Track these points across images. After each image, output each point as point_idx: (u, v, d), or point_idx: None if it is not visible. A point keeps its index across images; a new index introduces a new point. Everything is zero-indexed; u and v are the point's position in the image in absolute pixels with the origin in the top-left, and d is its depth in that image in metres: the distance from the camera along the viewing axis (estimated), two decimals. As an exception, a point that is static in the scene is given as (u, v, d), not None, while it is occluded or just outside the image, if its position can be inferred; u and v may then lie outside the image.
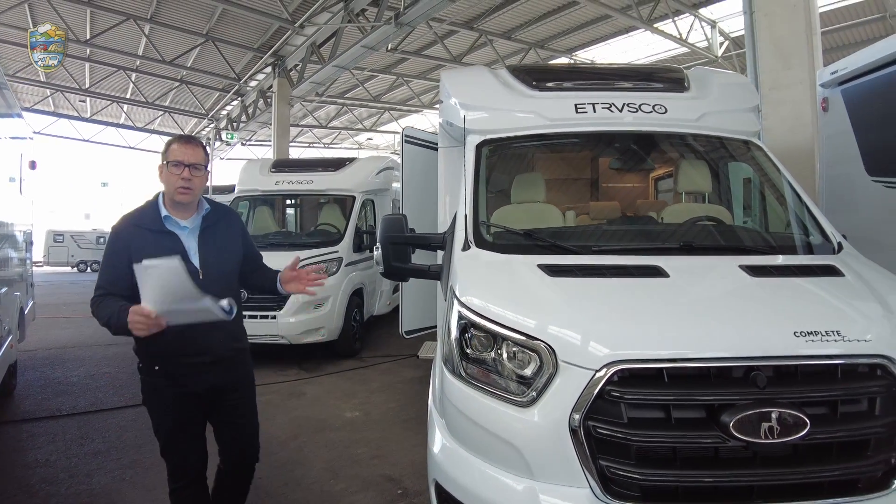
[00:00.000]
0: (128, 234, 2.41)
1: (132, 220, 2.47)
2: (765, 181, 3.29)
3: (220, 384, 2.54)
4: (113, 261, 2.40)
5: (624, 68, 4.84)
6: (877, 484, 1.83)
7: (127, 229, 2.43)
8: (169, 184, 2.42)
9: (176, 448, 2.55)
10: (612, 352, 1.88)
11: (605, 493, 1.82)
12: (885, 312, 2.04)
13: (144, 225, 2.43)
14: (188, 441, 2.55)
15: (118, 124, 24.41)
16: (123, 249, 2.36)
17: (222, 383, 2.55)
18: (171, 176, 2.40)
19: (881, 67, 4.09)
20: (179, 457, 2.56)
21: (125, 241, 2.39)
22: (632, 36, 14.72)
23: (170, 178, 2.41)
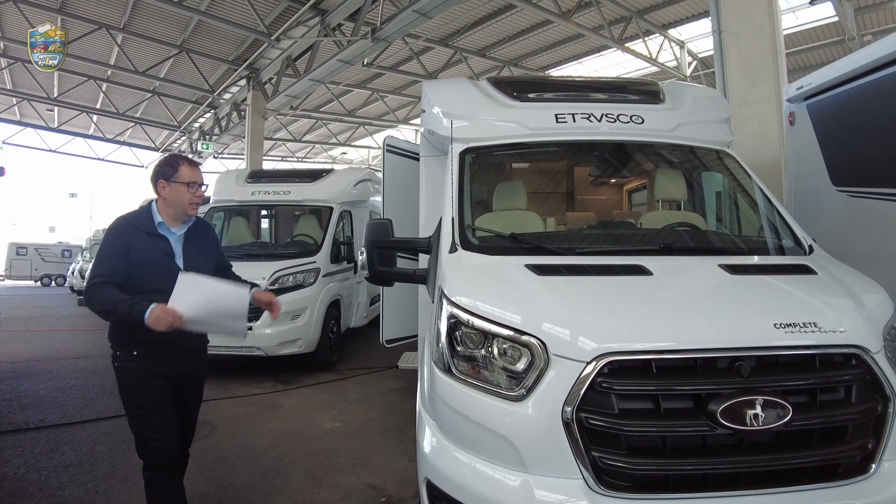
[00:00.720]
0: (126, 232, 2.74)
1: (131, 221, 2.81)
2: (738, 189, 3.42)
3: (186, 371, 2.87)
4: (112, 252, 2.69)
5: (601, 81, 4.99)
6: (856, 469, 1.92)
7: (126, 228, 2.76)
8: (180, 199, 2.81)
9: (156, 428, 2.72)
10: (602, 344, 1.94)
11: (599, 483, 1.86)
12: (856, 307, 2.15)
13: (142, 227, 2.77)
14: (167, 419, 2.75)
15: (87, 135, 23.85)
16: (123, 244, 2.69)
17: (188, 371, 2.88)
18: (184, 193, 2.81)
19: (844, 83, 4.30)
20: (159, 436, 2.72)
21: (124, 238, 2.72)
22: (604, 55, 15.12)
23: (183, 195, 2.81)
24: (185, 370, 2.85)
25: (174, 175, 2.81)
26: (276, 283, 6.85)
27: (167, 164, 2.86)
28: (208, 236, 3.06)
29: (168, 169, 2.82)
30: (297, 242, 7.98)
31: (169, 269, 2.74)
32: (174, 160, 2.90)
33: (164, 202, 2.83)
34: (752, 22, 5.93)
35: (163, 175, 2.81)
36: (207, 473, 4.10)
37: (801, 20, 12.14)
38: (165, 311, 2.48)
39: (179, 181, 2.80)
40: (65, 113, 21.19)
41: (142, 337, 2.60)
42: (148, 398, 2.70)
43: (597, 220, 3.95)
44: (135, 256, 2.68)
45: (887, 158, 3.98)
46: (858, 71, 4.16)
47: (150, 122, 22.11)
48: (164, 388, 2.73)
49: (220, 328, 2.73)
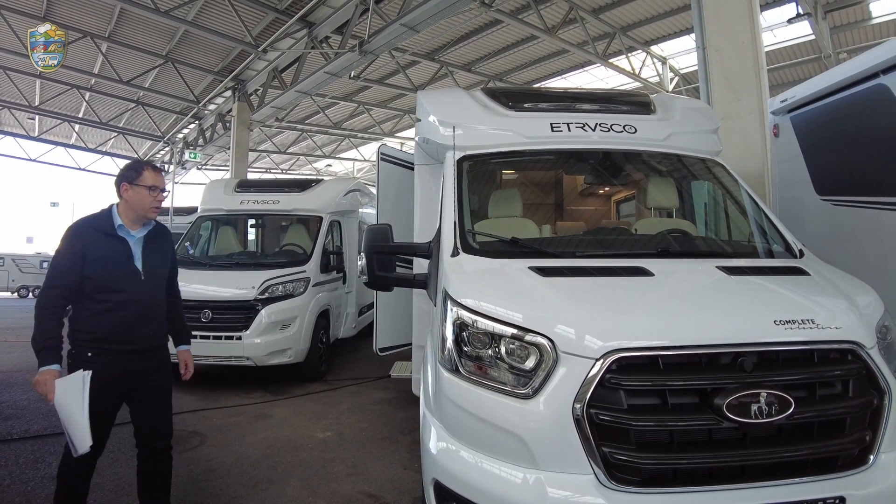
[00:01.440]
0: (86, 235, 2.83)
1: (91, 223, 2.89)
2: (728, 196, 3.53)
3: (142, 369, 2.95)
4: (67, 256, 2.78)
5: (593, 92, 5.10)
6: (855, 461, 1.99)
7: (86, 230, 2.85)
8: (142, 202, 2.91)
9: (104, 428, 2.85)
10: (611, 342, 1.99)
11: (609, 478, 1.90)
12: (850, 305, 2.24)
13: (101, 228, 2.86)
14: (102, 422, 2.80)
15: (69, 144, 23.48)
16: (80, 247, 2.77)
17: (145, 369, 2.96)
18: (146, 197, 2.91)
19: (826, 96, 4.47)
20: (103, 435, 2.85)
21: (83, 240, 2.80)
22: (588, 70, 15.38)
23: (144, 199, 2.91)
24: (138, 369, 2.92)
25: (137, 178, 2.91)
26: (265, 293, 6.81)
27: (131, 169, 2.97)
28: (166, 242, 3.16)
29: (132, 173, 2.93)
30: (287, 252, 7.95)
31: (127, 269, 2.88)
32: (138, 164, 3.02)
33: (126, 205, 2.92)
34: (735, 38, 6.09)
35: (126, 178, 2.92)
36: (200, 483, 4.05)
37: (778, 38, 12.51)
38: (46, 383, 2.59)
39: (142, 185, 2.91)
40: (46, 122, 20.88)
41: (94, 337, 2.77)
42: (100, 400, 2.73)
43: (592, 227, 4.02)
44: (92, 257, 2.77)
45: (869, 168, 4.13)
46: (840, 84, 4.34)
47: (133, 132, 21.89)
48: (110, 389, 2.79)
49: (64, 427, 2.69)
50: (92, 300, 2.80)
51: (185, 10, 11.83)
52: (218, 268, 7.45)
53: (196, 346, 6.47)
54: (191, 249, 8.05)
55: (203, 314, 6.60)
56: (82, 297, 2.80)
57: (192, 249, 8.07)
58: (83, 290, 2.77)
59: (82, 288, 2.76)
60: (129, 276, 2.88)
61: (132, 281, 2.88)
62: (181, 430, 5.23)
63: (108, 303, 2.80)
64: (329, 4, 11.54)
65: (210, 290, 6.86)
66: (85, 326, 2.78)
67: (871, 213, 4.08)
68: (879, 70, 3.97)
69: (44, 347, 2.66)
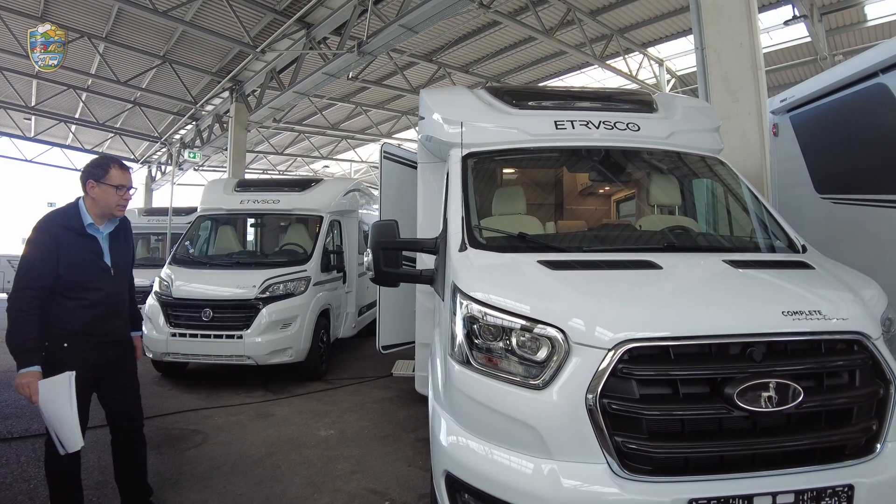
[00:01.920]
0: (57, 234, 2.84)
1: (60, 221, 2.89)
2: (730, 193, 3.56)
3: (113, 357, 3.11)
4: (41, 256, 2.79)
5: (595, 91, 5.14)
6: (862, 450, 2.02)
7: (56, 229, 2.85)
8: (108, 201, 2.95)
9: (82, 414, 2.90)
10: (622, 332, 2.01)
11: (622, 468, 1.93)
12: (855, 297, 2.27)
13: (72, 228, 2.88)
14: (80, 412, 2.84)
15: (65, 145, 23.36)
16: (53, 247, 2.80)
17: (115, 358, 3.13)
18: (112, 196, 2.95)
19: (825, 95, 4.52)
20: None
21: (55, 240, 2.82)
22: (584, 72, 15.44)
23: (111, 197, 2.95)
24: (110, 357, 3.09)
25: (104, 177, 2.93)
26: (266, 292, 6.81)
27: (97, 166, 2.98)
28: (128, 235, 3.23)
29: (98, 170, 2.94)
30: (288, 251, 7.95)
31: (98, 267, 2.97)
32: (105, 162, 3.03)
33: (92, 202, 2.96)
34: (733, 39, 6.15)
35: (92, 175, 2.93)
36: (204, 482, 4.06)
37: (775, 40, 12.60)
38: (30, 385, 2.68)
39: (108, 183, 2.94)
40: (42, 122, 20.79)
41: (70, 330, 2.87)
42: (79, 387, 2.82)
43: (595, 224, 4.05)
44: (66, 259, 2.82)
45: (868, 166, 4.18)
46: (839, 84, 4.38)
47: (130, 132, 21.80)
48: (84, 378, 2.88)
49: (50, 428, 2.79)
50: (66, 297, 2.86)
51: (183, 10, 11.81)
52: (218, 267, 7.45)
53: (197, 346, 6.59)
54: (191, 249, 8.05)
55: (204, 313, 6.59)
56: (55, 294, 2.84)
57: (191, 249, 8.07)
58: (55, 289, 2.82)
59: (55, 286, 2.82)
60: (101, 273, 2.98)
61: (104, 278, 2.99)
62: (183, 429, 5.24)
63: (83, 300, 2.90)
64: (327, 5, 11.55)
65: (210, 290, 6.86)
66: (59, 322, 2.85)
67: (870, 211, 4.12)
68: (878, 69, 4.01)
69: (24, 350, 2.72)
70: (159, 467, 4.30)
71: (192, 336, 6.59)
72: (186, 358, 6.81)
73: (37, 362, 2.73)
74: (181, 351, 6.64)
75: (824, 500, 1.91)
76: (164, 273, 7.12)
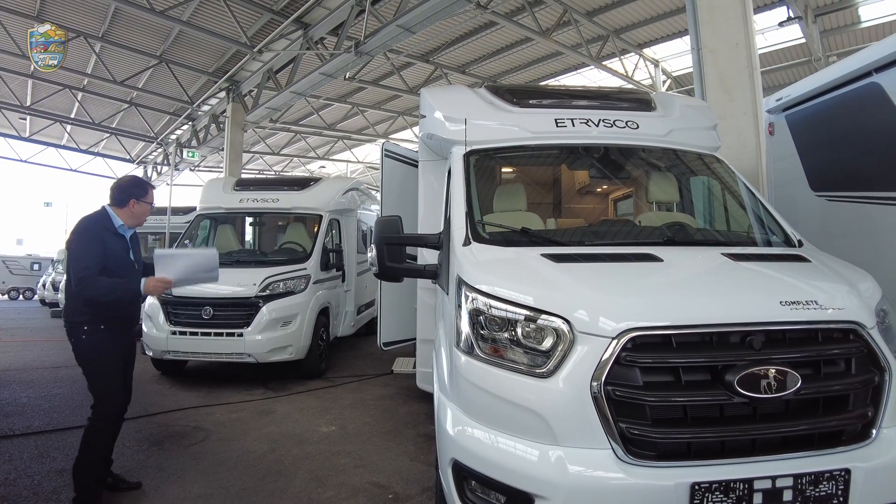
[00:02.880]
0: (100, 231, 3.48)
1: (99, 222, 3.54)
2: (728, 190, 3.63)
3: (131, 341, 3.78)
4: (93, 246, 3.39)
5: (594, 90, 5.20)
6: (858, 436, 2.09)
7: (97, 228, 3.49)
8: (144, 215, 3.73)
9: (115, 390, 3.53)
10: (626, 321, 2.07)
11: (627, 453, 1.98)
12: (850, 289, 2.34)
13: (109, 229, 3.55)
14: (121, 383, 3.61)
15: (60, 145, 23.27)
16: (100, 240, 3.43)
17: (132, 341, 3.81)
18: (147, 211, 3.74)
19: (820, 94, 4.59)
20: (117, 396, 3.55)
21: (100, 235, 3.46)
22: (581, 73, 15.52)
23: (146, 213, 3.74)
24: (130, 340, 3.76)
25: (145, 197, 3.68)
26: (266, 290, 6.84)
27: (139, 187, 3.69)
28: (139, 239, 3.88)
29: (140, 191, 3.66)
30: (287, 250, 7.99)
31: (128, 261, 3.62)
32: (144, 184, 3.78)
33: (131, 214, 3.64)
34: (729, 40, 6.22)
35: (136, 196, 3.63)
36: (208, 476, 4.09)
37: (770, 41, 12.71)
38: (157, 280, 3.49)
39: (147, 202, 3.70)
40: (37, 122, 20.71)
41: (108, 315, 3.46)
42: (112, 365, 3.50)
43: (594, 221, 4.11)
44: (109, 249, 3.45)
45: (862, 163, 4.25)
46: (834, 83, 4.45)
47: (126, 132, 21.76)
48: (120, 355, 3.58)
49: (199, 282, 3.73)
50: None
51: (180, 10, 11.83)
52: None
53: (197, 344, 6.61)
54: (190, 247, 8.07)
55: (204, 311, 6.62)
56: None
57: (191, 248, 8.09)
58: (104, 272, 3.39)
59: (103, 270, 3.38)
60: (129, 266, 3.62)
61: (130, 270, 3.61)
62: (185, 426, 5.27)
63: None
64: (325, 6, 11.58)
65: (211, 288, 6.84)
66: (99, 307, 3.41)
67: (864, 208, 4.20)
68: (872, 69, 4.08)
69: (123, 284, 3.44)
70: (162, 463, 4.33)
71: (192, 334, 6.61)
72: (186, 356, 6.84)
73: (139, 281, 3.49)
74: (181, 349, 6.67)
75: (822, 484, 1.97)
76: (165, 271, 7.13)
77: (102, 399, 3.46)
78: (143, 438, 4.89)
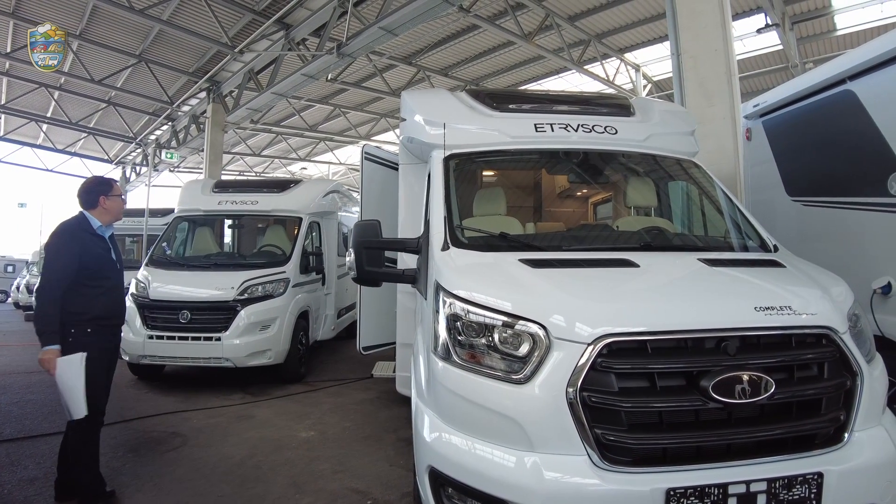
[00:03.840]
0: (78, 235, 3.54)
1: (79, 226, 3.59)
2: (705, 195, 3.66)
3: (117, 343, 3.90)
4: (67, 253, 3.44)
5: (574, 95, 5.22)
6: (831, 439, 2.11)
7: (76, 231, 3.55)
8: (118, 208, 3.79)
9: (103, 391, 3.64)
10: (601, 327, 2.07)
11: (602, 459, 1.98)
12: (823, 294, 2.37)
13: (88, 230, 3.61)
14: (107, 385, 3.71)
15: (36, 145, 22.74)
16: (77, 244, 3.48)
17: (118, 343, 3.91)
18: (120, 203, 3.80)
19: (796, 101, 4.67)
20: (102, 398, 3.64)
21: (76, 238, 3.51)
22: (563, 77, 15.61)
23: (119, 205, 3.80)
24: (117, 342, 3.86)
25: (111, 191, 3.73)
26: (245, 293, 6.76)
27: (102, 184, 3.76)
28: (116, 242, 3.93)
29: (104, 187, 3.73)
30: (266, 253, 7.89)
31: (110, 259, 3.70)
32: (105, 180, 3.86)
33: (106, 211, 3.69)
34: (708, 46, 6.30)
35: (102, 192, 3.68)
36: (185, 483, 4.02)
37: (748, 47, 12.92)
38: (51, 361, 3.27)
39: (115, 194, 3.75)
40: (12, 121, 20.23)
41: (93, 315, 3.50)
42: (98, 367, 3.51)
43: (573, 225, 4.12)
44: (88, 252, 3.50)
45: (836, 169, 4.32)
46: (809, 90, 4.53)
47: (104, 132, 21.35)
48: (106, 358, 3.64)
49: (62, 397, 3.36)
50: (87, 286, 3.49)
51: (160, 8, 11.66)
52: (196, 268, 7.37)
53: (174, 348, 6.52)
54: (168, 250, 7.95)
55: (181, 315, 6.53)
56: (77, 284, 3.44)
57: (169, 250, 7.97)
58: (78, 279, 3.43)
59: (77, 277, 3.43)
60: (112, 265, 3.71)
61: (114, 269, 3.71)
62: (161, 431, 5.18)
63: (100, 287, 3.57)
64: (307, 6, 11.49)
65: (188, 291, 6.79)
66: (82, 308, 3.45)
67: (838, 213, 4.27)
68: (846, 76, 4.15)
69: (47, 331, 3.32)
70: (138, 470, 4.24)
71: (169, 338, 6.52)
72: (164, 360, 6.73)
73: (57, 342, 3.31)
74: (158, 353, 6.56)
75: (795, 488, 1.99)
76: (141, 275, 7.02)
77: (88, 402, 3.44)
78: (119, 445, 4.79)
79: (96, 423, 3.62)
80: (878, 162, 3.87)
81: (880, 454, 2.13)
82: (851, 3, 10.92)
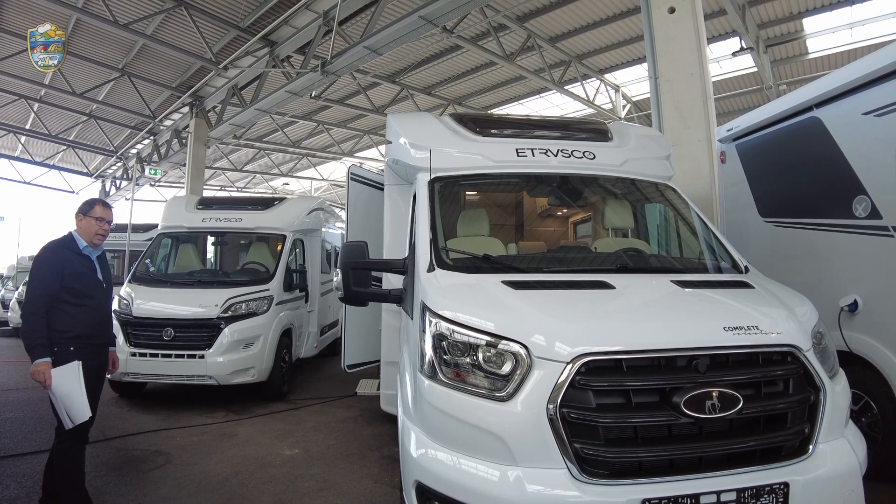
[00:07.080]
0: (62, 254, 3.59)
1: (63, 245, 3.66)
2: (680, 218, 3.81)
3: (102, 362, 3.84)
4: (48, 272, 3.50)
5: (554, 120, 5.39)
6: (796, 451, 2.25)
7: (60, 250, 3.62)
8: (89, 230, 3.71)
9: None
10: (579, 347, 2.19)
11: (581, 472, 2.08)
12: (789, 314, 2.51)
13: (73, 250, 3.66)
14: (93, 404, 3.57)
15: (13, 157, 22.38)
16: (59, 264, 3.53)
17: (103, 362, 3.86)
18: (93, 226, 3.72)
19: (766, 126, 4.89)
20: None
21: (60, 259, 3.56)
22: (544, 97, 15.92)
23: (91, 227, 3.72)
24: (102, 361, 3.82)
25: (90, 211, 3.73)
26: (228, 311, 6.76)
27: (87, 203, 3.80)
28: (107, 262, 4.01)
29: (86, 206, 3.77)
30: (250, 270, 7.90)
31: (95, 280, 3.71)
32: (93, 200, 3.88)
33: (80, 230, 3.72)
34: (684, 70, 6.52)
35: (81, 210, 3.74)
36: (169, 502, 4.02)
37: (724, 69, 13.34)
38: (44, 372, 3.32)
39: (91, 216, 3.72)
40: (-12, 133, 19.96)
41: (75, 334, 3.52)
42: None
43: (553, 246, 4.24)
44: (70, 270, 3.54)
45: (804, 192, 4.53)
46: (779, 116, 4.75)
47: (84, 145, 21.12)
48: (91, 379, 3.58)
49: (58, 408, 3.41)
50: (70, 304, 3.52)
51: (144, 23, 11.68)
52: (179, 286, 7.34)
53: (157, 365, 6.48)
54: (151, 267, 7.91)
55: (165, 332, 6.50)
56: (61, 302, 3.49)
57: (152, 267, 7.93)
58: (61, 297, 3.49)
59: (60, 295, 3.49)
60: (96, 285, 3.72)
61: (98, 289, 3.73)
62: (144, 450, 5.15)
63: (83, 306, 3.59)
64: (292, 24, 11.59)
65: (171, 309, 6.77)
66: (65, 326, 3.48)
67: (807, 234, 4.46)
68: (813, 104, 4.38)
69: (36, 345, 3.35)
70: (121, 489, 4.23)
71: (152, 356, 6.47)
72: (147, 378, 6.69)
73: (48, 354, 3.36)
74: (141, 371, 6.52)
75: (763, 497, 2.10)
76: (124, 291, 6.98)
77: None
78: (101, 463, 4.76)
79: (83, 441, 3.64)
80: (844, 185, 4.07)
81: (843, 464, 2.27)
82: (822, 28, 11.35)
